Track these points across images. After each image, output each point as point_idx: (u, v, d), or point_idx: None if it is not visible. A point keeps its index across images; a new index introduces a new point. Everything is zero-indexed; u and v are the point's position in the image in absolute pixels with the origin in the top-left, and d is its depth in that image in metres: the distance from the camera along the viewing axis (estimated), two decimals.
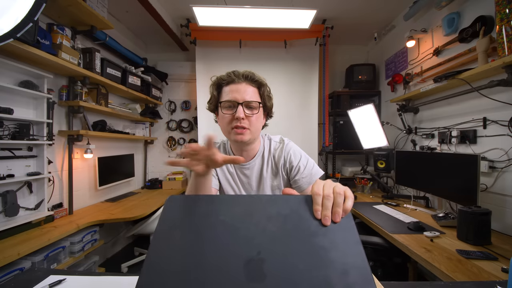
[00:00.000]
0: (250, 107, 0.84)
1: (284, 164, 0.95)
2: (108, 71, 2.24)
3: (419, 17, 2.33)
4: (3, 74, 1.54)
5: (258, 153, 0.96)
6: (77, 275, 0.71)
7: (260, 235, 0.43)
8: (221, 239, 0.43)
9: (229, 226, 0.45)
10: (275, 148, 0.97)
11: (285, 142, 0.98)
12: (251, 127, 0.85)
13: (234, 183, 0.96)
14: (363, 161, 3.25)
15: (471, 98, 1.76)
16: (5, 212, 1.49)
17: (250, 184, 0.96)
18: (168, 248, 0.42)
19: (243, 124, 0.83)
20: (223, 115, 0.85)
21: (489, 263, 1.10)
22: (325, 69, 3.07)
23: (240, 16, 2.20)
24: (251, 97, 0.84)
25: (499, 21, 1.40)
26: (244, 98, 0.83)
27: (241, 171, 0.95)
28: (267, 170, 0.96)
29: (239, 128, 0.83)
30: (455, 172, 1.64)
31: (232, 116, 0.83)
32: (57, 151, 1.96)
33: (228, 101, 0.84)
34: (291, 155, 0.94)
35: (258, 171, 0.96)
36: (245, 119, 0.83)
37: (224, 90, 0.87)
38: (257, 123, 0.87)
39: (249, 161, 0.95)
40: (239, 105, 0.82)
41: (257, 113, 0.85)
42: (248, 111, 0.84)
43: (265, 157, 0.96)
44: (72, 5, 1.72)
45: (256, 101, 0.85)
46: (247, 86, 0.85)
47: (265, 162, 0.96)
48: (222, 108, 0.86)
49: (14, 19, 1.17)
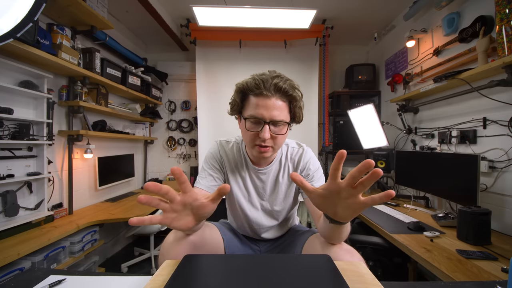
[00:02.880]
0: (277, 125, 0.78)
1: (302, 170, 0.93)
2: (108, 71, 2.24)
3: (419, 17, 2.33)
4: (3, 74, 1.54)
5: (275, 159, 0.93)
6: (77, 275, 0.71)
7: None
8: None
9: None
10: (294, 154, 0.94)
11: (305, 148, 0.95)
12: (275, 145, 0.80)
13: (244, 188, 0.93)
14: None
15: (471, 98, 1.76)
16: (5, 212, 1.49)
17: (265, 189, 0.93)
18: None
19: (267, 143, 0.78)
20: (246, 130, 0.79)
21: (489, 263, 1.10)
22: (325, 69, 3.07)
23: (240, 16, 2.21)
24: (279, 115, 0.76)
25: (499, 21, 1.40)
26: (272, 117, 0.75)
27: (257, 176, 0.92)
28: (283, 176, 0.93)
29: (263, 147, 0.78)
30: (455, 172, 1.64)
31: (257, 134, 0.77)
32: (57, 151, 1.95)
33: (254, 117, 0.76)
34: (311, 163, 0.93)
35: (274, 177, 0.93)
36: (269, 139, 0.77)
37: (250, 101, 0.78)
38: (282, 141, 0.83)
39: (266, 166, 0.91)
40: (265, 124, 0.75)
41: (283, 134, 0.80)
42: (274, 129, 0.77)
43: (282, 162, 0.93)
44: (72, 5, 1.72)
45: (284, 122, 0.78)
46: (277, 101, 0.76)
47: (281, 168, 0.93)
48: (246, 122, 0.79)
49: (14, 19, 1.17)
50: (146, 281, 0.63)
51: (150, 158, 3.42)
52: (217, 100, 2.99)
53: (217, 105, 2.99)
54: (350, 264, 0.70)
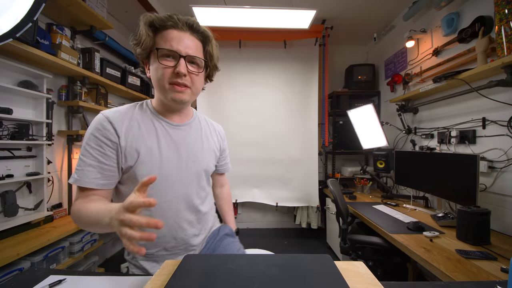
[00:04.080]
0: (194, 63, 0.73)
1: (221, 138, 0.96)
2: (108, 71, 2.24)
3: (419, 17, 2.33)
4: (3, 74, 1.53)
5: (193, 117, 0.88)
6: (77, 275, 0.70)
7: None
8: None
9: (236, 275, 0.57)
10: (211, 121, 0.96)
11: None
12: (192, 86, 0.74)
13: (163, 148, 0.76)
14: (362, 161, 3.26)
15: (470, 98, 1.76)
16: (5, 212, 1.49)
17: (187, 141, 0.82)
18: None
19: (184, 81, 0.71)
20: (160, 65, 0.70)
21: (488, 263, 1.10)
22: (325, 69, 3.07)
23: (239, 16, 2.21)
24: (196, 52, 0.72)
25: (498, 22, 1.40)
26: (188, 51, 0.70)
27: (176, 130, 0.80)
28: (211, 134, 0.91)
29: (180, 86, 0.71)
30: (455, 172, 1.64)
31: (172, 70, 0.70)
32: (56, 151, 1.95)
33: (168, 50, 0.69)
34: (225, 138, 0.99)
35: (199, 132, 0.88)
36: (187, 75, 0.71)
37: (162, 35, 0.71)
38: (199, 83, 0.78)
39: (185, 122, 0.84)
40: (181, 58, 0.69)
41: (201, 71, 0.75)
42: (191, 68, 0.72)
43: (202, 121, 0.90)
44: (72, 5, 1.72)
45: (202, 58, 0.75)
46: (192, 38, 0.72)
47: (204, 126, 0.90)
48: (159, 57, 0.70)
49: (14, 19, 1.17)
50: (146, 281, 0.63)
51: None
52: (217, 100, 2.99)
53: (217, 105, 2.99)
54: (350, 264, 0.70)
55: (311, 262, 0.64)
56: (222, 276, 0.57)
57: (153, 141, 0.75)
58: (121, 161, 0.71)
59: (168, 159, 0.76)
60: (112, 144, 0.70)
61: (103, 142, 0.69)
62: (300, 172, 2.99)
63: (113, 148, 0.70)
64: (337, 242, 2.11)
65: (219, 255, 0.82)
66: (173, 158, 0.77)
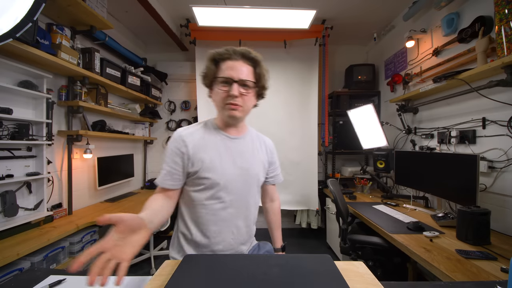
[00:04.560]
0: (245, 85, 0.87)
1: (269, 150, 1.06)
2: (108, 71, 2.24)
3: (419, 17, 2.33)
4: (3, 74, 1.53)
5: (247, 131, 1.02)
6: (77, 275, 0.70)
7: None
8: None
9: None
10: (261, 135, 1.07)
11: None
12: (244, 105, 0.88)
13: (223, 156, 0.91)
14: (362, 161, 3.26)
15: (470, 98, 1.76)
16: (4, 212, 1.49)
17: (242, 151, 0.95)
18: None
19: (236, 101, 0.86)
20: (218, 91, 0.88)
21: (488, 263, 1.10)
22: (325, 69, 3.07)
23: (239, 16, 2.21)
24: (247, 76, 0.87)
25: (498, 22, 1.40)
26: (240, 76, 0.85)
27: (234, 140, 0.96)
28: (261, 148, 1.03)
29: (234, 105, 0.86)
30: (455, 172, 1.64)
31: (227, 93, 0.86)
32: (56, 151, 1.95)
33: (224, 77, 0.86)
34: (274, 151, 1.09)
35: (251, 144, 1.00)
36: (239, 97, 0.86)
37: (220, 66, 0.89)
38: (250, 102, 0.91)
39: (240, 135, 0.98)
40: (234, 83, 0.85)
41: (250, 92, 0.89)
42: (242, 90, 0.87)
43: (253, 136, 1.03)
44: (72, 5, 1.72)
45: (251, 81, 0.88)
46: (243, 65, 0.87)
47: (255, 140, 1.02)
48: (218, 84, 0.88)
49: (14, 19, 1.17)
50: (146, 281, 0.63)
51: (150, 158, 3.42)
52: None
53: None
54: (350, 264, 0.70)
55: (311, 262, 0.64)
56: (222, 276, 0.57)
57: (214, 151, 0.90)
58: (189, 166, 0.88)
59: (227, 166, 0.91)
60: (181, 154, 0.88)
61: (175, 153, 0.88)
62: (300, 175, 2.98)
63: (181, 157, 0.88)
64: (337, 242, 2.11)
65: (219, 255, 0.82)
66: (230, 165, 0.91)
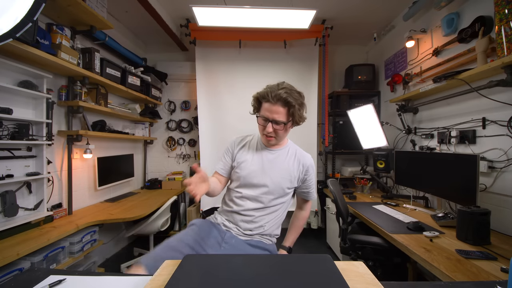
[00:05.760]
0: (278, 123, 1.08)
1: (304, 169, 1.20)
2: (108, 71, 2.24)
3: (419, 17, 2.33)
4: (3, 74, 1.53)
5: (284, 147, 1.23)
6: (77, 275, 0.70)
7: None
8: None
9: None
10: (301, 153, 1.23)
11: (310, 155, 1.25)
12: (277, 136, 1.13)
13: (253, 161, 1.19)
14: (362, 161, 3.26)
15: (470, 98, 1.76)
16: (4, 212, 1.49)
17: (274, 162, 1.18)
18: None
19: (270, 134, 1.12)
20: (259, 125, 1.15)
21: (488, 263, 1.10)
22: (325, 69, 3.07)
23: (239, 16, 2.21)
24: (279, 117, 1.08)
25: (498, 22, 1.40)
26: (274, 117, 1.07)
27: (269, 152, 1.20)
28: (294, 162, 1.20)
29: (269, 137, 1.13)
30: (455, 172, 1.64)
31: (264, 127, 1.12)
32: (56, 151, 1.95)
33: (262, 117, 1.11)
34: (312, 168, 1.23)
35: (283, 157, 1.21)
36: (272, 132, 1.10)
37: (262, 105, 1.11)
38: (282, 135, 1.14)
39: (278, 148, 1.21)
40: (269, 122, 1.09)
41: (282, 129, 1.11)
42: (276, 126, 1.09)
43: (289, 151, 1.23)
44: (72, 5, 1.72)
45: (282, 122, 1.08)
46: (279, 108, 1.07)
47: (288, 154, 1.22)
48: (259, 119, 1.14)
49: (14, 19, 1.17)
50: (146, 281, 0.63)
51: (150, 158, 3.42)
52: (217, 100, 2.98)
53: (217, 105, 2.99)
54: (350, 264, 0.70)
55: (311, 262, 0.64)
56: (222, 276, 0.57)
57: (249, 156, 1.20)
58: (233, 162, 1.23)
59: (253, 168, 1.18)
60: (231, 153, 1.24)
61: (229, 151, 1.25)
62: None
63: (230, 154, 1.24)
64: (337, 242, 2.11)
65: (219, 255, 0.82)
66: (256, 168, 1.17)
